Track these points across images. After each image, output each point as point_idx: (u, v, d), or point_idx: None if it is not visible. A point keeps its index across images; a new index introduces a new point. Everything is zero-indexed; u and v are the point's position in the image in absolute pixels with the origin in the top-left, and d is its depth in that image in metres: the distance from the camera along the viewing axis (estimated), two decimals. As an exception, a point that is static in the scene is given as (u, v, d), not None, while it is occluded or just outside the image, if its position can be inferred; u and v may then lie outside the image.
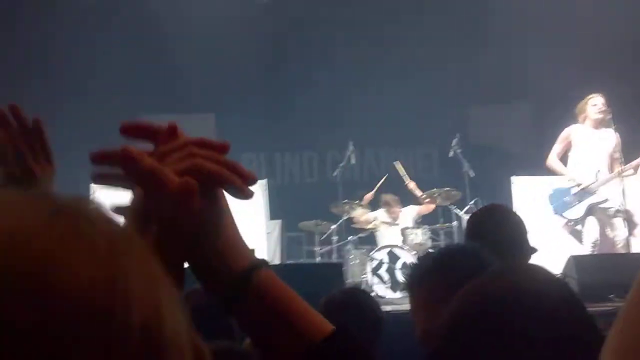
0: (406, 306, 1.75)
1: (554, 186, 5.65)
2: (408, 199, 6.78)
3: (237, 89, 8.02)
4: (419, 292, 1.65)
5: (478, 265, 1.49)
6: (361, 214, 6.64)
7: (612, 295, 4.01)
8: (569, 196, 5.49)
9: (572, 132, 5.45)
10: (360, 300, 2.24)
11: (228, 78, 7.90)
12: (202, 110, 8.43)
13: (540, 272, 0.81)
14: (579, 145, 5.40)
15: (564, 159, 5.57)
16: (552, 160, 5.52)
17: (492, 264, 1.50)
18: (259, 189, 6.88)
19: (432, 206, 6.56)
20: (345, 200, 6.49)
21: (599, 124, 5.34)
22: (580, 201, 5.39)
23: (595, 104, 5.32)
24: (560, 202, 5.52)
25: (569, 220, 5.60)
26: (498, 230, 1.98)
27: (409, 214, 6.65)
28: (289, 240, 7.59)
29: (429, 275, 1.58)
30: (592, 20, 7.10)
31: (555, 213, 5.58)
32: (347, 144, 6.87)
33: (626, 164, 5.18)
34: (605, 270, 4.23)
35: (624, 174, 5.15)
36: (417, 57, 7.72)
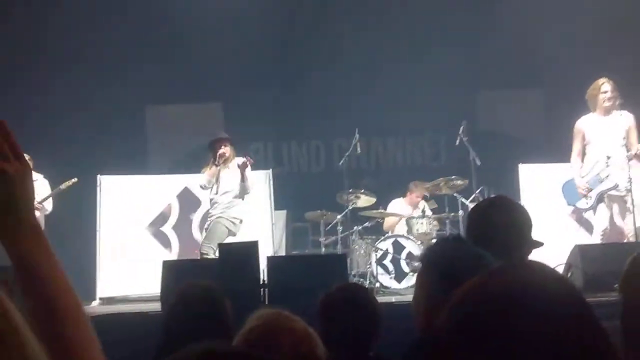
0: (410, 297, 1.75)
1: (566, 177, 5.56)
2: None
3: (244, 79, 7.99)
4: (420, 283, 1.63)
5: (477, 259, 1.46)
6: (366, 202, 6.62)
7: (616, 285, 3.97)
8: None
9: (582, 125, 5.33)
10: (358, 297, 2.24)
11: (235, 68, 7.88)
12: (210, 100, 8.40)
13: (541, 270, 0.78)
14: (592, 137, 5.29)
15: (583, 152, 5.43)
16: (573, 160, 5.39)
17: (490, 260, 1.47)
18: (264, 178, 6.85)
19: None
20: (351, 190, 6.44)
21: (609, 109, 5.24)
22: (591, 190, 5.30)
23: (605, 91, 5.22)
24: (573, 192, 5.43)
25: (578, 209, 5.53)
26: (498, 224, 1.92)
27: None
28: (295, 230, 7.57)
29: (428, 268, 1.56)
30: (606, 3, 6.98)
31: (569, 204, 5.50)
32: (353, 132, 6.79)
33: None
34: (609, 259, 4.15)
35: (633, 158, 5.05)
36: (424, 43, 7.63)
